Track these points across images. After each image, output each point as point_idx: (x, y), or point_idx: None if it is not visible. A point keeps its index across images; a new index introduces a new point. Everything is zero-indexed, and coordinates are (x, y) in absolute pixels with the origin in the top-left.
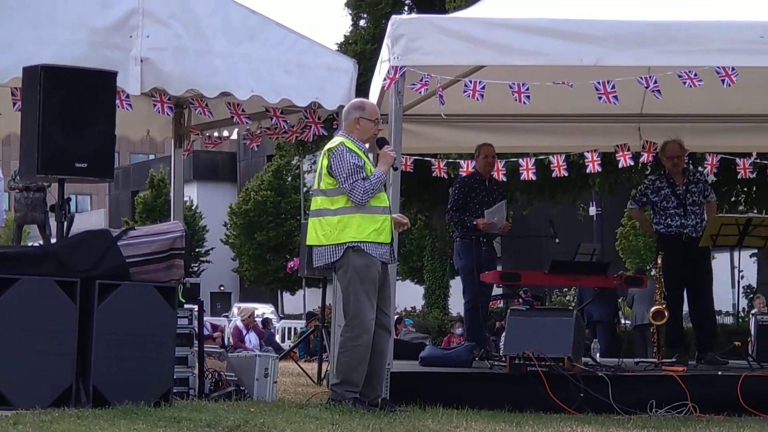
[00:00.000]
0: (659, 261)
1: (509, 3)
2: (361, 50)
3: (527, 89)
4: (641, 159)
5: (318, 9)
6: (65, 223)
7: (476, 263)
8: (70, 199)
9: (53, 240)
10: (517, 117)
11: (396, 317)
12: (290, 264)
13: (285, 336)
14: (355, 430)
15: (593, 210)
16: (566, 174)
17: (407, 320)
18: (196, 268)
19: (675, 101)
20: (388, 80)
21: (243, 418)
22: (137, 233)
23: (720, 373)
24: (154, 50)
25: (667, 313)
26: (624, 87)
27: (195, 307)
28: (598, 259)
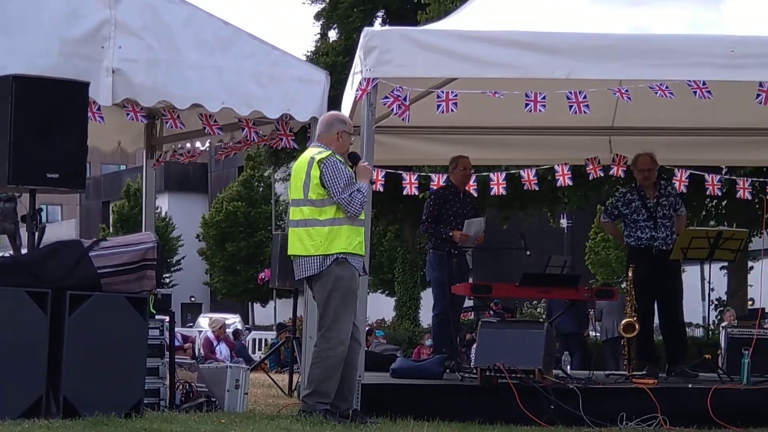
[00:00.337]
0: (630, 274)
1: (481, 15)
2: (333, 62)
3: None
4: (611, 172)
5: (288, 18)
6: (36, 234)
7: (449, 275)
8: (41, 210)
9: (24, 250)
10: (489, 129)
11: (367, 329)
12: (261, 275)
13: (256, 347)
14: None
15: (564, 222)
16: (537, 188)
17: (378, 332)
18: (168, 279)
19: (646, 114)
20: (360, 91)
21: (214, 430)
22: (109, 244)
23: (690, 386)
24: (126, 61)
25: (638, 326)
26: (596, 99)
27: (166, 318)
28: (569, 272)
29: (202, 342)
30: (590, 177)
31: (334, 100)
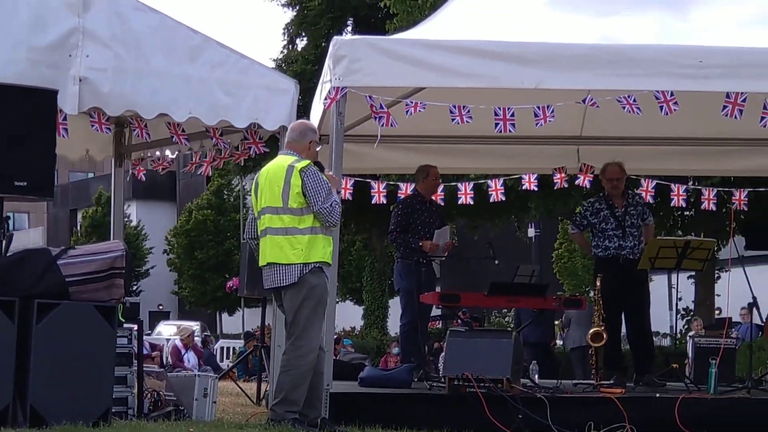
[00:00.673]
0: (598, 283)
1: (450, 25)
2: (302, 70)
3: (468, 111)
4: (577, 181)
5: (258, 25)
6: (4, 242)
7: (417, 285)
8: (9, 218)
9: None
10: (458, 138)
11: (335, 337)
12: (229, 283)
13: (224, 356)
14: None
15: (532, 232)
16: (503, 198)
17: (346, 341)
18: (135, 287)
19: (614, 124)
20: (329, 100)
21: None
22: (77, 252)
23: (658, 395)
24: (94, 70)
25: (606, 335)
26: (564, 109)
27: (135, 327)
28: (537, 281)
29: (170, 350)
30: (556, 186)
31: (303, 108)
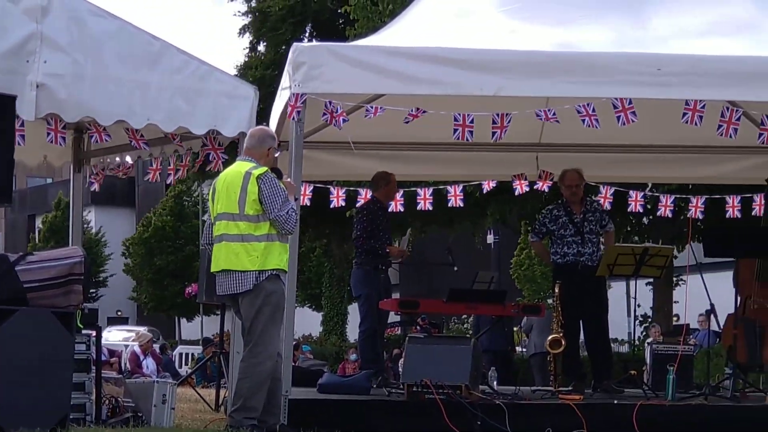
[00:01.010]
0: (557, 290)
1: (410, 32)
2: (261, 75)
3: (424, 112)
4: (535, 186)
5: (220, 30)
6: None
7: (376, 291)
8: None
9: None
10: (416, 145)
11: (294, 344)
12: (188, 289)
13: (182, 362)
14: None
15: (491, 238)
16: (462, 204)
17: (305, 347)
18: (94, 293)
19: (573, 131)
20: (290, 107)
21: None
22: (36, 258)
23: (616, 402)
24: (51, 76)
25: (564, 342)
26: (523, 116)
27: (93, 333)
28: (496, 288)
29: (129, 357)
30: (516, 192)
31: (263, 114)
